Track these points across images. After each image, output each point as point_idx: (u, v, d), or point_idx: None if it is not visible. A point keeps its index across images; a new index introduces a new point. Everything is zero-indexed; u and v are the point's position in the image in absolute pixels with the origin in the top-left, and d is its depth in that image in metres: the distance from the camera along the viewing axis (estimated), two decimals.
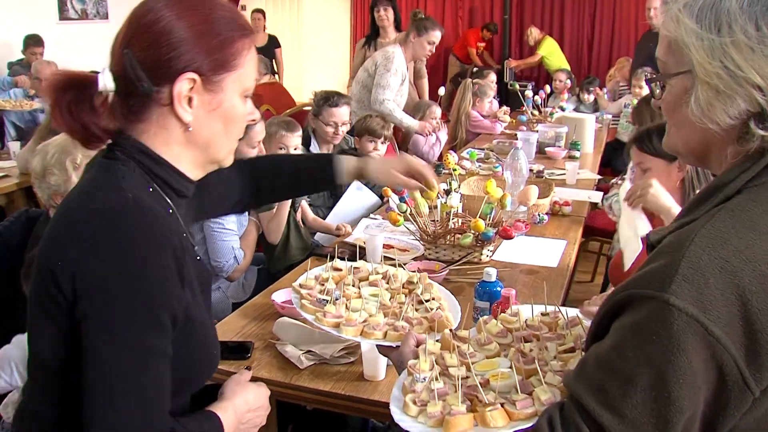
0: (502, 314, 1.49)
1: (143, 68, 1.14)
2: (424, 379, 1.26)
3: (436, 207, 2.79)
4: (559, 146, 5.03)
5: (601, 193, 3.93)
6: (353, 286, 1.71)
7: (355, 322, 1.52)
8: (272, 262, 3.22)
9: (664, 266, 0.95)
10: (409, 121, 5.02)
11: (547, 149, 4.98)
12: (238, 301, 2.80)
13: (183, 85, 1.15)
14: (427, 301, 1.65)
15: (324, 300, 1.60)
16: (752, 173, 1.00)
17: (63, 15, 7.56)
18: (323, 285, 1.69)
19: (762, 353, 0.91)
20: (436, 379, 1.24)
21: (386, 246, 2.78)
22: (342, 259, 2.49)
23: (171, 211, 1.22)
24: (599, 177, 4.56)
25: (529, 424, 1.11)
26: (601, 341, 1.01)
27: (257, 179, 1.68)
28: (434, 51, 5.27)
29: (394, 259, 2.65)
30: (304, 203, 3.41)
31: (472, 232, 2.58)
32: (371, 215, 3.45)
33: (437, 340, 1.41)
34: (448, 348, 1.37)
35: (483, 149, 4.88)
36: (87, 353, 1.07)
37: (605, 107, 6.82)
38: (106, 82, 1.16)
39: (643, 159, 2.53)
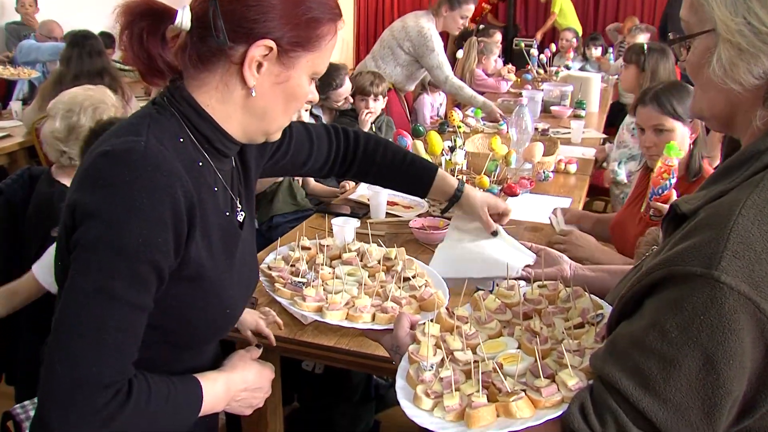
0: (499, 289, 1.40)
1: (225, 20, 1.11)
2: (432, 366, 1.16)
3: (441, 164, 2.78)
4: (565, 105, 5.01)
5: (594, 150, 3.92)
6: (326, 265, 1.61)
7: (339, 305, 1.42)
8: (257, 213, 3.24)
9: (709, 241, 0.89)
10: (479, 101, 4.80)
11: (552, 108, 4.95)
12: None
13: (259, 50, 1.13)
14: (413, 277, 1.56)
15: (300, 283, 1.49)
16: None
17: None
18: (294, 266, 1.58)
19: None
20: (444, 365, 1.15)
21: (390, 203, 2.76)
22: (347, 215, 2.51)
23: (201, 163, 1.19)
24: (604, 136, 4.54)
25: (558, 413, 1.01)
26: (633, 319, 0.96)
27: (355, 153, 1.65)
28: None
29: (398, 216, 2.67)
30: None
31: (477, 188, 2.56)
32: None
33: (432, 320, 1.31)
34: (449, 329, 1.27)
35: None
36: (65, 287, 1.07)
37: (607, 69, 6.77)
38: (184, 19, 1.13)
39: (663, 120, 2.46)
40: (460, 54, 5.95)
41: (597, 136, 4.36)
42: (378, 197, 2.66)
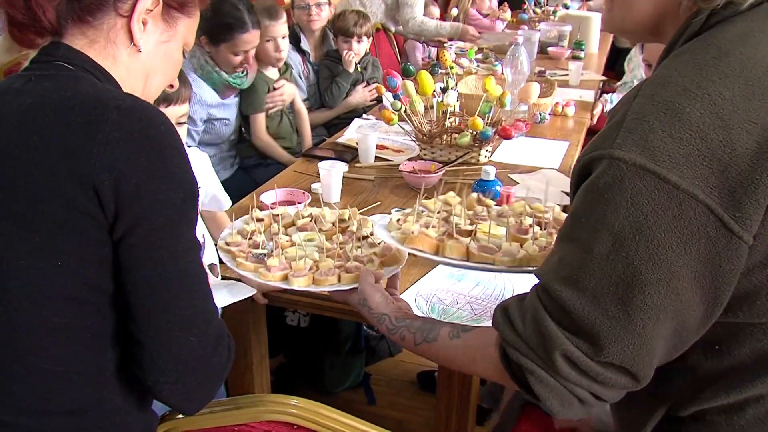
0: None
1: None
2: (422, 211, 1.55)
3: (432, 106, 2.75)
4: (562, 46, 4.94)
5: (592, 92, 3.88)
6: (282, 234, 1.65)
7: (304, 270, 1.47)
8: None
9: (611, 125, 0.94)
10: (447, 28, 4.84)
11: (549, 49, 4.89)
12: None
13: (147, 1, 1.12)
14: (371, 234, 1.62)
15: (261, 254, 1.54)
16: (699, 24, 0.97)
17: None
18: (251, 239, 1.62)
19: (737, 189, 0.85)
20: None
21: (380, 146, 2.74)
22: (334, 159, 2.48)
23: None
24: (604, 78, 4.49)
25: (485, 266, 1.35)
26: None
27: None
28: None
29: (388, 160, 2.64)
30: (260, 117, 3.20)
31: (470, 131, 2.53)
32: (364, 115, 3.41)
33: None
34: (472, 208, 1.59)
35: (482, 49, 4.79)
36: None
37: None
38: None
39: None
40: None
41: (596, 78, 4.30)
42: (367, 140, 2.63)
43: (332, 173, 2.24)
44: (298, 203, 2.09)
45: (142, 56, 1.17)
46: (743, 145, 0.85)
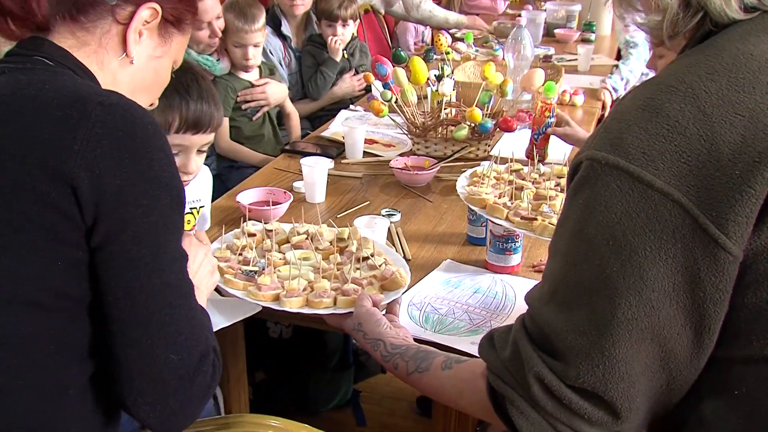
0: None
1: None
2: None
3: (426, 96, 2.78)
4: (571, 27, 4.99)
5: (600, 78, 3.91)
6: (275, 251, 1.70)
7: (298, 291, 1.51)
8: None
9: (599, 125, 0.98)
10: (456, 18, 4.87)
11: (556, 31, 4.95)
12: None
13: (147, 12, 1.18)
14: (372, 256, 1.66)
15: (252, 272, 1.58)
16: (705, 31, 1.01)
17: None
18: (241, 254, 1.66)
19: (715, 187, 0.85)
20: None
21: (368, 141, 2.77)
22: (318, 155, 2.51)
23: None
24: (617, 63, 4.52)
25: None
26: None
27: None
28: None
29: (377, 155, 2.67)
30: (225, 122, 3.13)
31: (468, 123, 2.57)
32: (351, 106, 3.44)
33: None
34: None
35: (481, 31, 4.83)
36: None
37: None
38: None
39: None
40: None
41: (608, 63, 4.34)
42: (354, 134, 2.66)
43: (316, 170, 2.27)
44: (279, 203, 2.12)
45: (133, 69, 1.22)
46: (725, 138, 0.86)
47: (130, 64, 1.21)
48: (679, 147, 0.87)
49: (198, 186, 1.94)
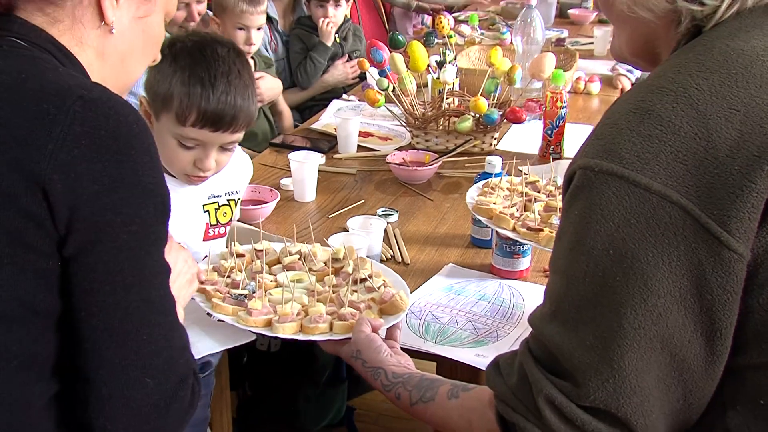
0: None
1: None
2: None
3: (426, 85, 2.76)
4: (587, 8, 4.99)
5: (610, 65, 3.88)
6: (266, 273, 1.70)
7: (291, 316, 1.51)
8: None
9: (590, 132, 1.02)
10: None
11: (570, 11, 4.95)
12: None
13: None
14: (369, 277, 1.66)
15: (241, 295, 1.57)
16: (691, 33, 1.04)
17: None
18: (230, 277, 1.66)
19: (715, 186, 0.88)
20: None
21: (363, 133, 2.75)
22: (308, 149, 2.48)
23: None
24: None
25: None
26: None
27: None
28: None
29: (373, 150, 2.65)
30: None
31: (472, 114, 2.55)
32: (344, 95, 3.42)
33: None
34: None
35: (487, 12, 4.81)
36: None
37: None
38: None
39: None
40: None
41: None
42: (347, 126, 2.64)
43: (306, 166, 2.25)
44: (265, 203, 2.10)
45: (116, 37, 1.18)
46: (721, 135, 0.89)
47: (110, 34, 1.17)
48: (675, 147, 0.90)
49: (235, 174, 1.89)
